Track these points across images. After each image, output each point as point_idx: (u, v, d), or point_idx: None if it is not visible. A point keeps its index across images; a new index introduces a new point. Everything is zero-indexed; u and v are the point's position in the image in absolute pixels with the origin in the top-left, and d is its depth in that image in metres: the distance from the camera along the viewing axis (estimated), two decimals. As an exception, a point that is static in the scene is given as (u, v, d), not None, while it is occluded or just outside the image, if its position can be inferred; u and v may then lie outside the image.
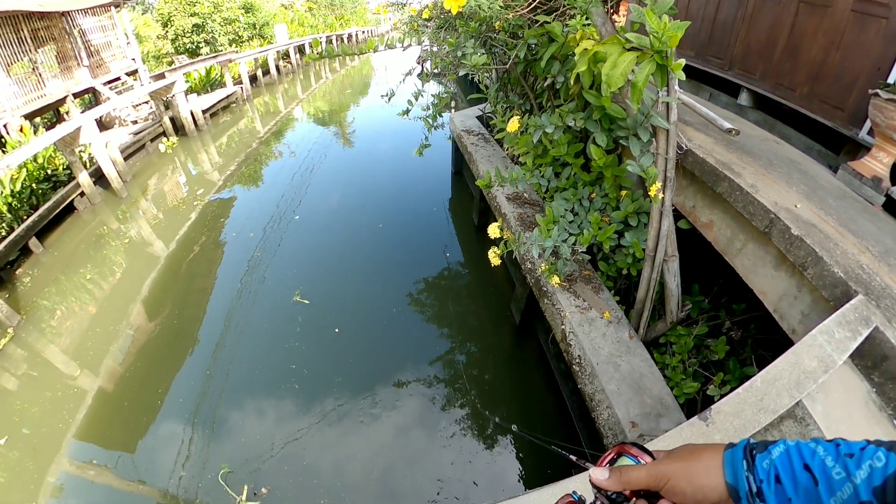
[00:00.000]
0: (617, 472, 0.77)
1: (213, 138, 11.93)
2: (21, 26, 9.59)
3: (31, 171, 7.23)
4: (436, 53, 4.47)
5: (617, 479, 0.76)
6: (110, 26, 13.12)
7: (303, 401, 4.28)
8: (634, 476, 0.75)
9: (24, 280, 6.26)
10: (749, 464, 0.67)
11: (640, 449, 0.80)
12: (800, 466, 0.64)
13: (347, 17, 32.08)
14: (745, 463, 0.67)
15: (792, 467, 0.64)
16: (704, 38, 5.19)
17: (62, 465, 3.86)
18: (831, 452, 0.63)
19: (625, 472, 0.76)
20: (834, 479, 0.61)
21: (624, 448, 0.81)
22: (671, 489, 0.72)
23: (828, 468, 0.62)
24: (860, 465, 0.60)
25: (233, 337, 5.00)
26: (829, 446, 0.65)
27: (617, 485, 0.76)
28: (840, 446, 0.64)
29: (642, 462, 0.78)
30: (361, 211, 7.71)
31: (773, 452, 0.67)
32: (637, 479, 0.75)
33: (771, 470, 0.65)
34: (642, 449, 0.80)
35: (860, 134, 3.34)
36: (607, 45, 2.11)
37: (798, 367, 1.76)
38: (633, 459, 0.79)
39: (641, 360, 2.80)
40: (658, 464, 0.75)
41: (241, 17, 19.72)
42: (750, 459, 0.68)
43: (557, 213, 3.37)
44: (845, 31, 3.47)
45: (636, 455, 0.79)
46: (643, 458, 0.79)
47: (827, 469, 0.62)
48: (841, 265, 2.04)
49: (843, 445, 0.64)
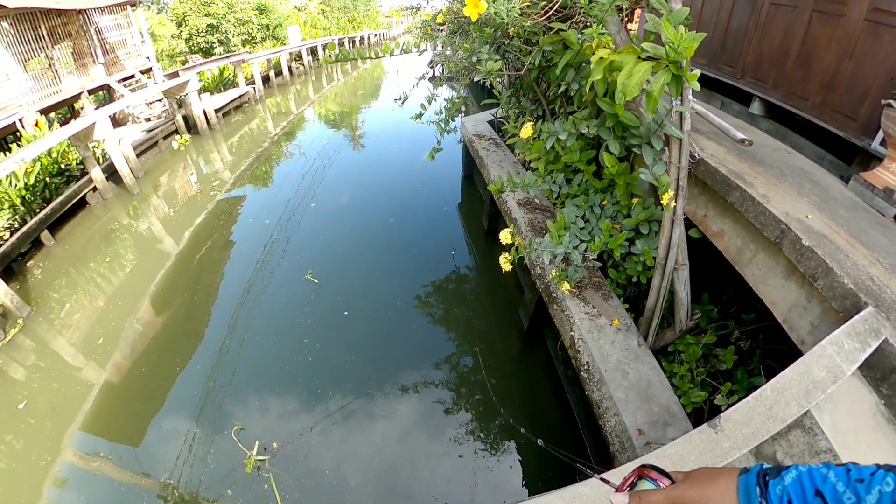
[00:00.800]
0: (637, 498, 0.80)
1: (224, 137, 12.04)
2: (39, 23, 9.74)
3: (44, 165, 7.34)
4: (449, 58, 4.50)
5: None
6: (126, 25, 13.29)
7: (314, 374, 4.49)
8: (654, 501, 0.78)
9: (35, 272, 6.34)
10: (762, 490, 0.69)
11: (659, 472, 0.83)
12: (811, 492, 0.65)
13: (360, 19, 32.26)
14: (759, 489, 0.69)
15: (804, 493, 0.66)
16: (717, 47, 5.20)
17: (68, 455, 3.91)
18: (842, 478, 0.65)
19: (644, 498, 0.79)
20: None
21: (644, 471, 0.85)
22: None
23: (839, 494, 0.64)
24: (870, 490, 0.61)
25: (243, 327, 5.05)
26: (840, 471, 0.66)
27: None
28: (851, 471, 0.65)
29: (661, 485, 0.81)
30: (371, 212, 7.76)
31: (786, 479, 0.68)
32: (656, 503, 0.78)
33: (784, 496, 0.67)
34: (661, 472, 0.83)
35: (872, 144, 3.33)
36: (623, 54, 2.13)
37: (807, 376, 1.76)
38: (653, 483, 0.82)
39: (650, 368, 2.80)
40: (675, 489, 0.78)
41: (254, 19, 19.90)
42: (763, 486, 0.69)
43: (569, 219, 3.38)
44: (858, 40, 3.46)
45: (656, 479, 0.83)
46: (662, 482, 0.82)
47: (838, 495, 0.64)
48: (851, 276, 2.05)
49: (854, 471, 0.65)
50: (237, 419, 4.11)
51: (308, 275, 5.89)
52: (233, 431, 3.98)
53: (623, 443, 2.48)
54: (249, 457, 3.74)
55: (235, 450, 3.84)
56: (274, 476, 3.62)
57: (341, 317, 5.30)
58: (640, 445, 2.36)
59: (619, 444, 2.53)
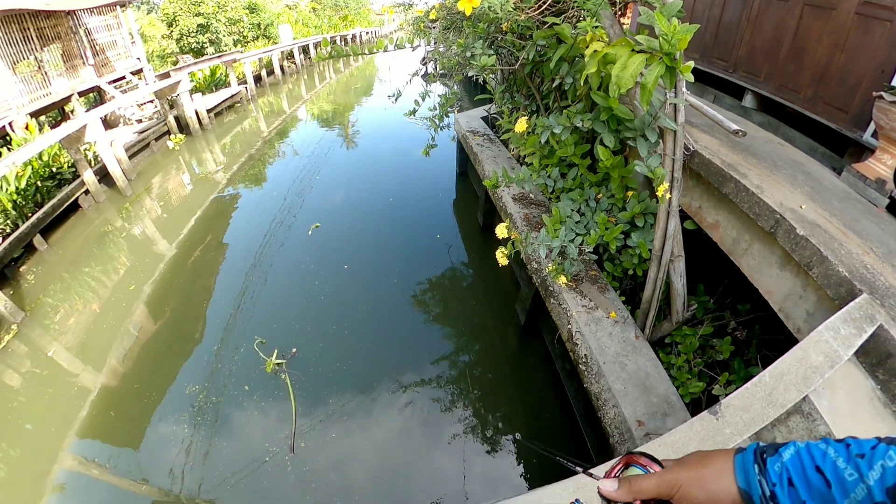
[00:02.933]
0: (626, 483, 0.76)
1: (217, 138, 11.97)
2: (27, 25, 9.65)
3: (36, 168, 7.26)
4: (442, 54, 4.50)
5: (627, 490, 0.75)
6: (115, 25, 13.18)
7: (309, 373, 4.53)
8: (645, 485, 0.74)
9: (29, 277, 6.29)
10: (761, 467, 0.67)
11: (648, 458, 0.79)
12: (811, 469, 0.64)
13: (351, 17, 32.16)
14: (757, 467, 0.67)
15: (804, 470, 0.64)
16: (709, 40, 5.22)
17: (66, 460, 3.89)
18: (842, 453, 0.63)
19: (634, 482, 0.75)
20: (847, 480, 0.61)
21: (632, 458, 0.80)
22: (683, 497, 0.71)
23: (840, 469, 0.62)
24: (872, 465, 0.60)
25: (240, 329, 5.04)
26: (840, 447, 0.64)
27: (627, 495, 0.75)
28: (850, 446, 0.64)
29: (650, 470, 0.77)
30: (365, 210, 7.74)
31: (784, 455, 0.67)
32: (648, 488, 0.74)
33: (783, 473, 0.65)
34: (650, 458, 0.79)
35: (864, 136, 3.36)
36: (617, 47, 2.14)
37: (805, 362, 1.78)
38: (642, 469, 0.78)
39: (647, 359, 2.82)
40: (668, 472, 0.75)
41: (244, 18, 19.79)
42: (761, 463, 0.67)
43: (564, 213, 3.40)
44: (850, 33, 3.49)
45: (644, 465, 0.79)
46: (652, 468, 0.78)
47: (839, 471, 0.62)
48: (846, 265, 2.07)
49: (854, 445, 0.64)
50: (237, 421, 4.12)
51: (270, 364, 5.06)
52: (255, 344, 4.65)
53: (622, 434, 2.50)
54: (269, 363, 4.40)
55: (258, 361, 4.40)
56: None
57: (338, 310, 5.33)
58: (639, 436, 2.38)
59: (618, 436, 2.54)
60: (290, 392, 4.30)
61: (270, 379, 4.46)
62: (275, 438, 3.94)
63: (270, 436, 3.97)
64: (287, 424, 4.04)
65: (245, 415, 4.18)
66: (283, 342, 4.82)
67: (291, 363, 4.62)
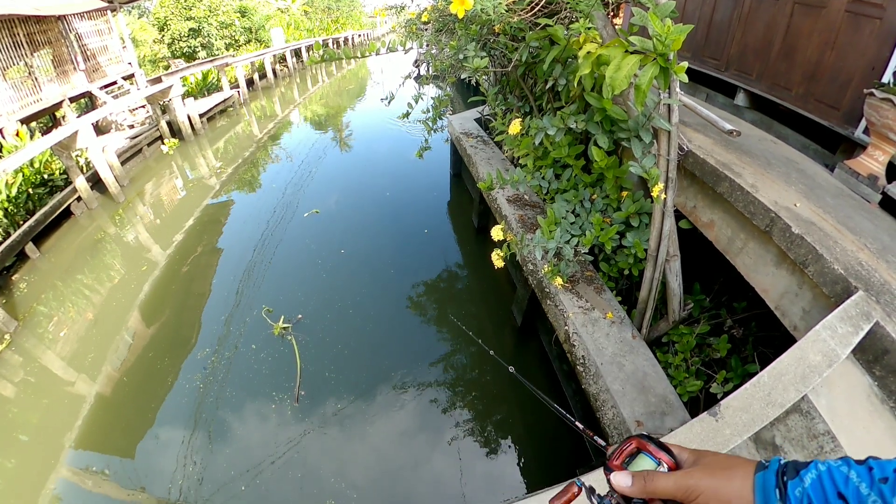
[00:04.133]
0: (641, 479, 0.74)
1: (210, 142, 11.92)
2: (17, 30, 9.56)
3: (27, 175, 7.20)
4: (435, 56, 4.49)
5: (641, 488, 0.73)
6: (106, 30, 13.09)
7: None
8: (661, 486, 0.72)
9: (21, 286, 6.23)
10: (781, 492, 0.65)
11: (657, 446, 0.77)
12: (833, 495, 0.62)
13: (343, 20, 32.10)
14: (778, 491, 0.65)
15: (825, 496, 0.62)
16: (701, 40, 5.24)
17: (61, 471, 3.84)
18: (865, 478, 0.61)
19: (650, 481, 0.73)
20: None
21: (643, 444, 0.78)
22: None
23: (863, 496, 0.60)
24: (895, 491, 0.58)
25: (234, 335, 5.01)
26: (862, 470, 0.62)
27: (641, 493, 0.73)
28: (873, 469, 0.62)
29: (663, 463, 0.75)
30: (359, 213, 7.72)
31: (805, 480, 0.64)
32: (664, 489, 0.72)
33: (804, 499, 0.63)
34: (659, 445, 0.77)
35: (856, 133, 3.38)
36: (610, 48, 2.14)
37: (803, 361, 1.79)
38: (652, 458, 0.76)
39: (645, 359, 2.82)
40: (687, 476, 0.72)
41: (236, 22, 19.71)
42: (782, 487, 0.65)
43: (559, 214, 3.40)
44: (840, 31, 3.52)
45: (655, 454, 0.76)
46: (662, 458, 0.75)
47: (862, 498, 0.60)
48: (841, 262, 2.08)
49: (877, 468, 0.62)
50: (227, 432, 4.09)
51: (277, 328, 5.38)
52: (262, 311, 5.14)
53: (622, 435, 2.50)
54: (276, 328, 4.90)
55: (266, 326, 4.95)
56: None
57: (335, 311, 5.36)
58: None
59: (617, 437, 2.54)
60: (296, 350, 4.80)
61: (277, 341, 4.95)
62: (281, 389, 4.42)
63: (278, 387, 4.45)
64: (292, 378, 4.49)
65: (253, 371, 4.65)
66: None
67: (297, 327, 5.11)
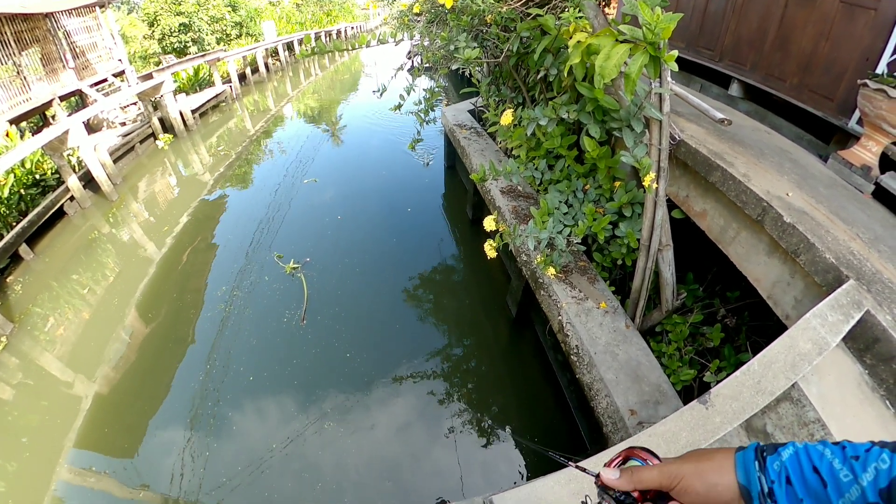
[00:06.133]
0: (628, 472, 0.78)
1: (203, 138, 11.83)
2: (3, 29, 9.43)
3: (18, 176, 7.13)
4: (427, 48, 4.46)
5: (628, 479, 0.78)
6: (95, 27, 12.93)
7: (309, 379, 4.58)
8: (647, 476, 0.76)
9: (16, 288, 6.19)
10: (761, 464, 0.69)
11: (647, 452, 0.81)
12: (809, 468, 0.66)
13: (335, 12, 31.82)
14: (757, 464, 0.69)
15: (801, 469, 0.67)
16: (695, 30, 5.22)
17: (62, 472, 3.84)
18: (838, 455, 0.66)
19: (636, 472, 0.77)
20: (842, 481, 0.63)
21: (632, 452, 0.82)
22: (683, 489, 0.73)
23: (836, 470, 0.64)
24: (866, 467, 0.62)
25: (231, 330, 5.01)
26: (836, 449, 0.67)
27: (628, 484, 0.77)
28: (846, 448, 0.66)
29: (649, 463, 0.79)
30: (353, 207, 7.69)
31: (783, 455, 0.69)
32: (649, 478, 0.76)
33: (782, 471, 0.68)
34: (650, 452, 0.81)
35: (850, 123, 3.38)
36: (600, 37, 2.13)
37: (793, 349, 1.79)
38: (642, 463, 0.80)
39: (638, 348, 2.83)
40: (670, 464, 0.77)
41: (227, 16, 19.51)
42: (761, 461, 0.70)
43: (552, 204, 3.39)
44: (834, 21, 3.50)
45: (644, 458, 0.80)
46: (651, 461, 0.80)
47: (835, 471, 0.64)
48: (832, 251, 2.08)
49: (849, 448, 0.66)
50: (235, 423, 4.09)
51: (289, 268, 6.06)
52: (273, 255, 6.11)
53: (616, 423, 2.51)
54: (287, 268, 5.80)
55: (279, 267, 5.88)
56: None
57: (331, 308, 5.36)
58: (632, 425, 2.39)
59: (611, 425, 2.56)
60: (304, 283, 5.74)
61: (288, 278, 5.84)
62: (290, 313, 5.25)
63: (288, 310, 5.29)
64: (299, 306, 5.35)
65: (266, 300, 5.50)
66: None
67: (305, 266, 6.05)
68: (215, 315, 5.36)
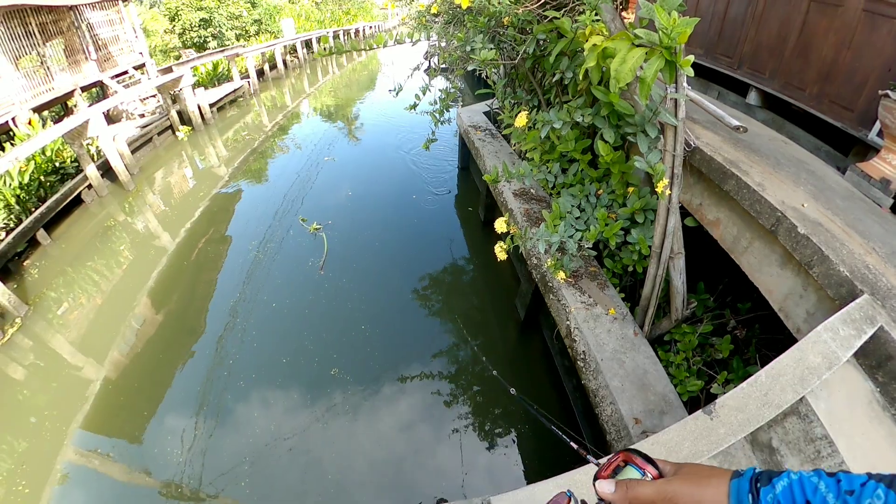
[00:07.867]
0: (624, 487, 0.78)
1: (220, 132, 11.97)
2: (29, 20, 9.63)
3: (39, 163, 7.28)
4: (443, 49, 4.47)
5: (623, 494, 0.77)
6: (118, 20, 13.15)
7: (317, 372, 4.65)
8: (642, 493, 0.76)
9: (32, 271, 6.31)
10: (754, 497, 0.69)
11: (644, 459, 0.81)
12: (801, 502, 0.66)
13: (354, 11, 31.99)
14: (751, 496, 0.69)
15: (794, 503, 0.66)
16: (714, 36, 5.16)
17: (69, 453, 3.91)
18: (832, 489, 0.65)
19: (632, 488, 0.77)
20: None
21: (630, 457, 0.82)
22: None
23: None
24: (860, 502, 0.61)
25: (242, 321, 5.06)
26: (831, 482, 0.66)
27: (623, 500, 0.77)
28: (841, 482, 0.65)
29: (648, 474, 0.79)
30: (367, 206, 7.73)
31: (777, 487, 0.68)
32: (644, 495, 0.76)
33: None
34: (647, 459, 0.81)
35: (869, 135, 3.31)
36: (616, 40, 2.11)
37: (802, 362, 1.76)
38: (639, 470, 0.80)
39: (646, 357, 2.81)
40: (666, 484, 0.76)
41: (244, 13, 19.71)
42: (755, 493, 0.69)
43: (564, 208, 3.37)
44: (856, 30, 3.44)
45: (641, 466, 0.80)
46: (648, 469, 0.79)
47: None
48: (847, 264, 2.04)
49: (844, 481, 0.65)
50: (239, 413, 4.13)
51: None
52: (298, 218, 6.98)
53: (619, 431, 2.49)
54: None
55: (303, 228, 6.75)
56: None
57: (342, 305, 5.39)
58: (636, 434, 2.37)
59: (615, 433, 2.53)
60: (325, 239, 6.61)
61: (311, 237, 6.68)
62: (310, 264, 6.08)
63: (309, 260, 6.15)
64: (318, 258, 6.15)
65: (289, 253, 6.40)
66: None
67: (326, 227, 6.89)
68: (225, 307, 5.42)
